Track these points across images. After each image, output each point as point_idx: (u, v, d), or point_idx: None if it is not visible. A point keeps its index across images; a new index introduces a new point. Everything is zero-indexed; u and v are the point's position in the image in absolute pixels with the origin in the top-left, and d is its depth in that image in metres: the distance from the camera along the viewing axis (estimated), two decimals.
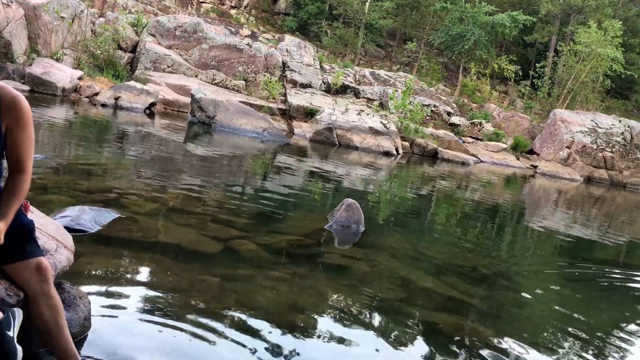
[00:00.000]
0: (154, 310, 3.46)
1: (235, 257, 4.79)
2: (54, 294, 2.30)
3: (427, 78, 29.44)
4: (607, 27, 27.47)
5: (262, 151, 13.55)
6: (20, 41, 15.64)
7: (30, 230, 2.36)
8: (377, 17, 30.68)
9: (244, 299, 3.89)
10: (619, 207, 16.09)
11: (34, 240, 2.36)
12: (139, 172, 7.69)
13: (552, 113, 24.53)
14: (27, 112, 2.27)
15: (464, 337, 3.99)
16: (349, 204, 6.43)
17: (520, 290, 5.58)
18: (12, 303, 2.26)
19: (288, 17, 33.18)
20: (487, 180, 16.59)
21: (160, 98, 16.70)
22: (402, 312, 4.31)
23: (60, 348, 2.32)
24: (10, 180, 2.29)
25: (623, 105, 34.53)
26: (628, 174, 22.07)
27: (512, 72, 29.57)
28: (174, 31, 20.98)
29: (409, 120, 20.09)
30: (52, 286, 2.31)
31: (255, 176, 9.83)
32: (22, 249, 2.27)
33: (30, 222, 2.39)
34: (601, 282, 6.65)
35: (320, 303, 4.17)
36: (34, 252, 2.30)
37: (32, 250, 2.30)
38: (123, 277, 3.90)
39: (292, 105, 19.48)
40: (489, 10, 27.77)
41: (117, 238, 4.59)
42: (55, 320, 2.28)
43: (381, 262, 5.52)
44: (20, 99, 2.25)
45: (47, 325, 2.28)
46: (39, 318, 2.27)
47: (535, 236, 8.90)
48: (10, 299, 2.26)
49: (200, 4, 31.98)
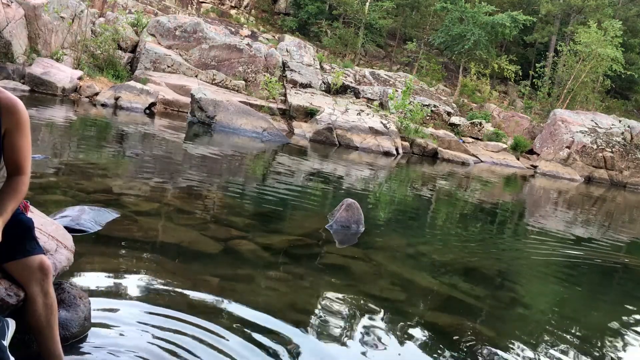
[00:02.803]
0: (154, 310, 3.46)
1: (235, 257, 4.79)
2: (52, 293, 2.31)
3: (427, 78, 29.44)
4: (607, 27, 27.46)
5: (262, 151, 13.55)
6: (20, 41, 15.65)
7: (30, 228, 2.37)
8: (377, 17, 30.67)
9: (244, 299, 3.89)
10: (619, 207, 16.09)
11: (34, 238, 2.37)
12: (139, 172, 7.69)
13: (552, 113, 24.53)
14: (25, 116, 2.33)
15: (464, 337, 3.99)
16: (349, 204, 6.43)
17: (520, 290, 5.58)
18: (13, 303, 2.26)
19: (288, 17, 33.18)
20: (487, 180, 16.60)
21: (160, 98, 16.70)
22: (402, 312, 4.31)
23: (48, 348, 2.35)
24: (8, 181, 2.32)
25: (623, 105, 34.52)
26: (628, 174, 22.07)
27: (512, 72, 29.57)
28: (174, 31, 20.98)
29: (409, 120, 20.10)
30: (51, 285, 2.32)
31: (255, 176, 9.83)
32: (23, 246, 2.28)
33: (29, 220, 2.40)
34: (601, 281, 6.65)
35: (320, 303, 4.17)
36: (35, 249, 2.31)
37: (32, 248, 2.31)
38: (123, 277, 3.90)
39: (292, 105, 19.49)
40: (489, 10, 27.77)
41: (117, 238, 4.59)
42: (48, 319, 2.30)
43: (381, 262, 5.52)
44: (18, 103, 2.31)
45: (39, 324, 2.30)
46: (33, 316, 2.29)
47: (535, 236, 8.90)
48: (10, 299, 2.26)
49: (200, 4, 31.97)
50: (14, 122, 2.27)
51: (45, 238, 2.75)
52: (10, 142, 2.28)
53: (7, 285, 2.28)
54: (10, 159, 2.32)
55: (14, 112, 2.26)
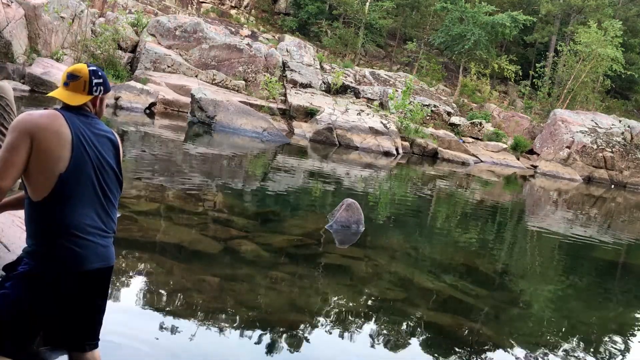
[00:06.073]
0: (154, 310, 3.46)
1: (235, 257, 4.80)
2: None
3: (427, 78, 29.42)
4: (607, 27, 27.44)
5: (262, 151, 13.55)
6: (21, 41, 15.65)
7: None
8: (377, 17, 30.66)
9: (244, 299, 3.89)
10: (619, 207, 16.09)
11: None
12: (139, 172, 7.69)
13: (552, 113, 24.52)
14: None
15: (464, 337, 3.99)
16: (349, 204, 6.43)
17: (520, 290, 5.58)
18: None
19: (288, 17, 33.17)
20: (487, 180, 16.60)
21: (160, 98, 16.69)
22: (402, 312, 4.31)
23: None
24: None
25: (623, 105, 34.50)
26: (628, 174, 22.06)
27: (512, 72, 29.56)
28: (174, 31, 20.97)
29: (409, 120, 20.09)
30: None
31: (255, 176, 9.83)
32: (94, 333, 2.25)
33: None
34: (601, 281, 6.65)
35: (320, 303, 4.17)
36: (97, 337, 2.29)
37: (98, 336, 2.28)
38: (123, 277, 3.90)
39: (292, 105, 19.48)
40: (489, 10, 27.75)
41: (117, 238, 4.58)
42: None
43: (381, 262, 5.52)
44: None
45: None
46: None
47: (535, 236, 8.90)
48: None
49: (200, 4, 31.97)
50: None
51: None
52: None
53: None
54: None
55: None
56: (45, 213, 1.98)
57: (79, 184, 2.04)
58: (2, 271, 2.24)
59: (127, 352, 2.90)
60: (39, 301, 1.97)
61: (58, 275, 1.97)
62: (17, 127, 2.01)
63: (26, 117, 2.04)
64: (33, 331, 2.03)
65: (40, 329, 2.05)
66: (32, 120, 2.02)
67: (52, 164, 1.98)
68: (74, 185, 2.02)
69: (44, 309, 1.99)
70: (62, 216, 1.99)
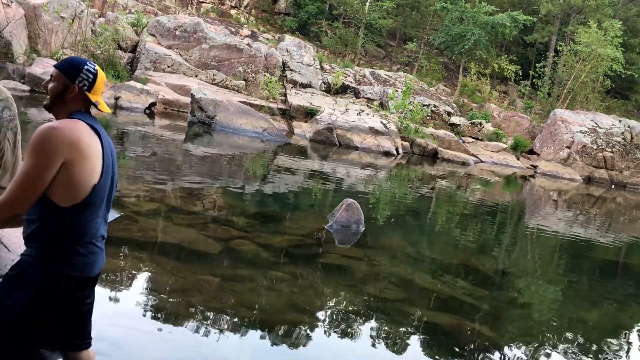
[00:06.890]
0: (154, 310, 3.46)
1: (235, 257, 4.80)
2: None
3: (427, 78, 29.42)
4: (607, 27, 27.44)
5: (262, 151, 13.55)
6: (21, 41, 15.65)
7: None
8: (377, 17, 30.66)
9: (244, 299, 3.89)
10: (619, 207, 16.09)
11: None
12: (139, 172, 7.69)
13: (552, 113, 24.52)
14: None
15: (464, 337, 3.99)
16: (349, 204, 6.43)
17: (520, 290, 5.58)
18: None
19: (288, 17, 33.17)
20: (487, 180, 16.60)
21: (161, 98, 16.69)
22: (402, 312, 4.31)
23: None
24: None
25: (623, 105, 34.50)
26: (628, 174, 22.06)
27: (512, 72, 29.56)
28: (174, 31, 20.97)
29: (409, 120, 20.09)
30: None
31: (255, 176, 9.84)
32: (88, 331, 2.22)
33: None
34: (601, 281, 6.65)
35: (320, 303, 4.17)
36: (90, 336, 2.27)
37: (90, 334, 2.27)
38: (123, 276, 3.90)
39: (292, 105, 19.48)
40: (489, 10, 27.75)
41: (117, 238, 4.59)
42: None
43: (381, 262, 5.52)
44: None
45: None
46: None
47: (535, 236, 8.90)
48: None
49: (200, 4, 31.96)
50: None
51: None
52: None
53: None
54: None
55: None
56: (68, 219, 1.89)
57: (103, 191, 1.99)
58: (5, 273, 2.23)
59: (127, 352, 2.90)
60: (40, 302, 1.96)
61: (59, 278, 1.96)
62: (45, 149, 1.80)
63: (53, 133, 1.85)
64: (33, 332, 2.02)
65: (40, 330, 2.05)
66: (64, 137, 1.84)
67: (86, 178, 1.88)
68: (100, 193, 1.96)
69: (44, 310, 1.99)
70: (84, 223, 1.93)
